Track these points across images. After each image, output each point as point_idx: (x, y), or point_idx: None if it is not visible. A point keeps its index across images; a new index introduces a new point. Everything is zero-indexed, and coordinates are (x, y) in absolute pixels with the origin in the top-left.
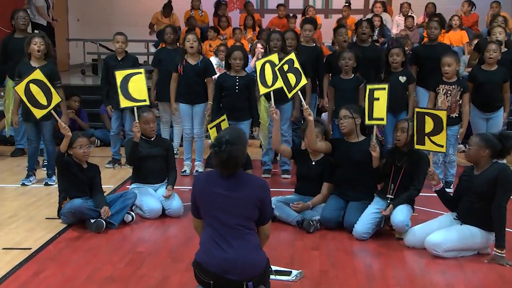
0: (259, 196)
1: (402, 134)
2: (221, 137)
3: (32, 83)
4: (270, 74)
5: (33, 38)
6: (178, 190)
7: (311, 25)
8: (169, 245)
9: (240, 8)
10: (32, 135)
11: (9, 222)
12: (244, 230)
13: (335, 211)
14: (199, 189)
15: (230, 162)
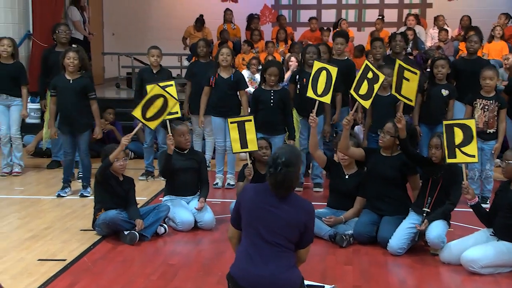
0: (303, 220)
1: (437, 151)
2: (277, 158)
3: (163, 98)
4: (323, 83)
5: (67, 52)
6: (210, 202)
7: (342, 39)
8: (201, 258)
9: (272, 21)
10: (68, 147)
11: (45, 234)
12: (282, 248)
13: (368, 225)
14: (246, 200)
15: (284, 184)
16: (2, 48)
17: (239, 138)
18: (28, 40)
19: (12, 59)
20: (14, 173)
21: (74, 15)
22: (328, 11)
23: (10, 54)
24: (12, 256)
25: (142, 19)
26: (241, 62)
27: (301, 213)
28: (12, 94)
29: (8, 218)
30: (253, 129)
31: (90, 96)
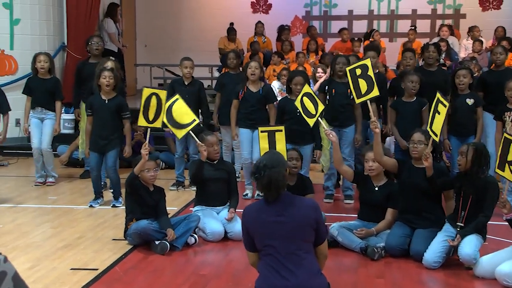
0: (313, 217)
1: (462, 159)
2: (259, 163)
3: (154, 96)
4: (310, 104)
5: (103, 72)
6: (239, 213)
7: (374, 52)
8: (231, 268)
9: (303, 32)
10: (94, 163)
11: (77, 243)
12: (302, 254)
13: (401, 238)
14: (250, 220)
15: (271, 186)
16: (39, 65)
17: (269, 148)
18: (62, 52)
19: (49, 74)
20: (48, 183)
21: (110, 27)
22: (360, 21)
23: (47, 70)
24: (45, 265)
25: (173, 31)
26: (272, 73)
27: (307, 211)
28: (47, 107)
29: (42, 228)
30: (283, 140)
31: (124, 115)
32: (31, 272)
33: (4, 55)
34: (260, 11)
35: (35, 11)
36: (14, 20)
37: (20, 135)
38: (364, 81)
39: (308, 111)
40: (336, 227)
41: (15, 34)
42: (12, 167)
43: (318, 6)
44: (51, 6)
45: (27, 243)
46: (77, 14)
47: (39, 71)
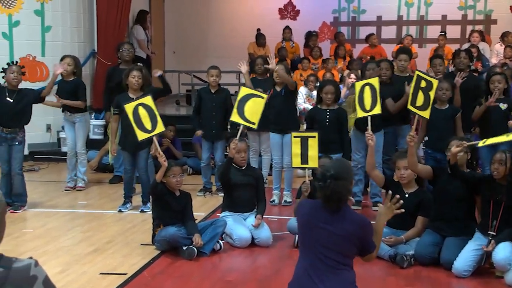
0: (359, 235)
1: (500, 167)
2: (327, 171)
3: (141, 106)
4: (369, 98)
5: (131, 71)
6: (266, 219)
7: (406, 55)
8: (258, 275)
9: (331, 38)
10: (128, 164)
11: (106, 248)
12: (338, 265)
13: (431, 246)
14: (301, 215)
15: (333, 197)
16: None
17: (301, 154)
18: (92, 59)
19: (72, 76)
20: (78, 188)
21: (139, 34)
22: (388, 27)
23: (70, 72)
24: (75, 270)
25: (202, 37)
26: (299, 78)
27: (354, 227)
28: (73, 110)
29: (72, 232)
30: (316, 146)
31: None
32: (61, 276)
33: (35, 62)
34: (288, 17)
35: (66, 18)
36: (45, 27)
37: (51, 141)
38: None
39: (363, 103)
40: None
41: (47, 41)
42: (42, 172)
43: (346, 12)
44: (82, 13)
45: (57, 247)
46: (107, 21)
47: (63, 73)
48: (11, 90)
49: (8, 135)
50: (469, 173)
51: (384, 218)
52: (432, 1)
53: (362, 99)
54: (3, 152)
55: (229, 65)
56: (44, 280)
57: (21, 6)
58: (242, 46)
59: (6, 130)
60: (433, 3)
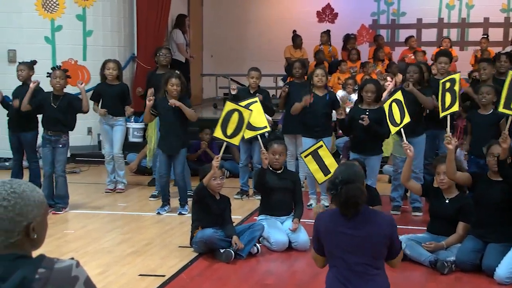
0: (387, 234)
1: None
2: (335, 179)
3: (237, 112)
4: (397, 112)
5: (170, 79)
6: (304, 223)
7: (447, 58)
8: (295, 279)
9: (369, 41)
10: (163, 168)
11: (145, 249)
12: (372, 270)
13: (472, 252)
14: (323, 229)
15: (348, 203)
16: (108, 72)
17: (319, 167)
18: (132, 63)
19: (117, 81)
20: (118, 190)
21: (178, 38)
22: (429, 30)
23: (115, 77)
24: (114, 271)
25: (239, 41)
26: (337, 81)
27: (381, 227)
28: (115, 114)
29: (112, 234)
30: (328, 153)
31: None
32: (101, 277)
33: (77, 66)
34: (326, 21)
35: (107, 22)
36: (87, 32)
37: (92, 143)
38: (449, 95)
39: (393, 118)
40: (404, 240)
41: (88, 45)
42: (83, 174)
43: (386, 15)
44: (122, 18)
45: (97, 249)
46: (146, 25)
47: (108, 78)
48: (55, 95)
49: (52, 137)
50: None
51: None
52: (474, 4)
53: (392, 115)
54: (47, 154)
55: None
56: (85, 281)
57: (64, 11)
58: (279, 50)
59: (50, 132)
60: (475, 5)
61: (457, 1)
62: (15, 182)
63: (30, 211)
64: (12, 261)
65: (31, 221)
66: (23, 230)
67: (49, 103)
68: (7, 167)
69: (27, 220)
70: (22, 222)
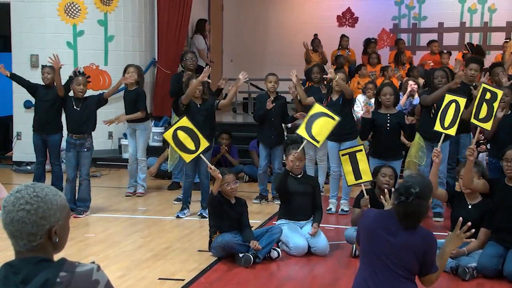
0: (422, 249)
1: None
2: (411, 187)
3: (179, 129)
4: (451, 115)
5: (191, 80)
6: (323, 228)
7: (477, 65)
8: (315, 284)
9: (390, 45)
10: (190, 169)
11: (165, 253)
12: (400, 279)
13: (494, 258)
14: (366, 224)
15: (412, 216)
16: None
17: (353, 170)
18: (153, 67)
19: (135, 85)
20: (138, 194)
21: (200, 43)
22: (450, 34)
23: (135, 82)
24: (134, 274)
25: (259, 46)
26: (356, 86)
27: (418, 240)
28: (135, 120)
29: (132, 237)
30: (365, 158)
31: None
32: (121, 281)
33: (98, 71)
34: (346, 25)
35: (128, 27)
36: (108, 37)
37: (112, 147)
38: (486, 107)
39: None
40: None
41: (109, 50)
42: (104, 178)
43: (407, 19)
44: (143, 23)
45: (118, 252)
46: (167, 30)
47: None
48: (77, 99)
49: (77, 141)
50: None
51: (452, 246)
52: (497, 8)
53: (445, 113)
54: (71, 158)
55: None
56: (106, 284)
57: (85, 16)
58: (300, 54)
59: (75, 136)
60: (497, 9)
61: (479, 5)
62: (37, 186)
63: (53, 215)
64: (34, 264)
65: (53, 224)
66: (46, 234)
67: (72, 106)
68: (29, 171)
69: (50, 223)
70: (45, 225)
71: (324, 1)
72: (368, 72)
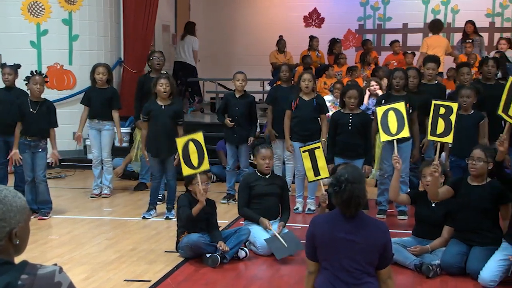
0: (383, 242)
1: None
2: (341, 176)
3: (192, 141)
4: (394, 122)
5: (159, 79)
6: (290, 227)
7: (435, 64)
8: (283, 283)
9: (356, 46)
10: (156, 171)
11: (131, 255)
12: (365, 276)
13: (457, 256)
14: (319, 233)
15: (351, 202)
16: (98, 77)
17: (312, 167)
18: (119, 67)
19: (107, 85)
20: (103, 195)
21: (195, 45)
22: (415, 35)
23: (105, 81)
24: (100, 276)
25: (226, 46)
26: (323, 86)
27: (378, 234)
28: (103, 118)
29: (97, 239)
30: (322, 155)
31: (178, 121)
32: (86, 283)
33: (63, 70)
34: (312, 25)
35: (93, 27)
36: (73, 36)
37: (77, 148)
38: (443, 122)
39: (388, 127)
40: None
41: (74, 50)
42: (69, 179)
43: (372, 20)
44: (109, 22)
45: (82, 254)
46: (134, 30)
47: (98, 82)
48: (33, 102)
49: (32, 142)
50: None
51: None
52: (459, 9)
53: (386, 123)
54: (27, 159)
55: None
56: (69, 286)
57: (49, 15)
58: (266, 54)
59: (29, 138)
60: (460, 10)
61: (443, 6)
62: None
63: (13, 217)
64: None
65: (14, 226)
66: (6, 236)
67: (28, 108)
68: None
69: (10, 225)
70: (5, 228)
71: (291, 1)
72: (335, 73)
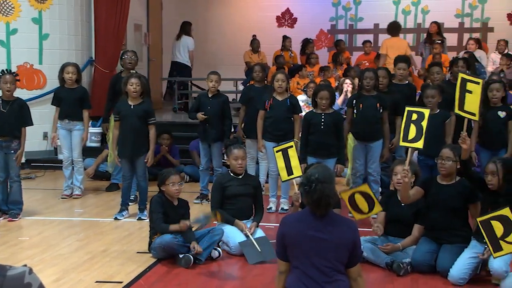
0: (352, 239)
1: (494, 178)
2: (311, 175)
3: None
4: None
5: (130, 78)
6: (263, 227)
7: (405, 64)
8: (257, 283)
9: (328, 46)
10: (126, 171)
11: (102, 256)
12: (335, 274)
13: (427, 254)
14: (289, 230)
15: (321, 201)
16: (67, 76)
17: (285, 166)
18: (90, 66)
19: (76, 84)
20: (75, 196)
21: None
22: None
23: (74, 80)
24: (71, 278)
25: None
26: (296, 86)
27: (348, 232)
28: (74, 118)
29: (68, 240)
30: (295, 154)
31: (149, 121)
32: (57, 284)
33: (33, 70)
34: (285, 25)
35: (64, 26)
36: (43, 35)
37: (48, 148)
38: (414, 128)
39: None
40: (361, 242)
41: (44, 49)
42: (39, 180)
43: (344, 20)
44: (80, 21)
45: (53, 256)
46: (105, 29)
47: (67, 82)
48: (5, 101)
49: (3, 143)
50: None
51: None
52: (429, 9)
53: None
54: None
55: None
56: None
57: (19, 14)
58: (239, 54)
59: (1, 137)
60: (430, 11)
61: (413, 7)
62: None
63: None
64: None
65: None
66: None
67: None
68: None
69: None
70: None
71: (264, 1)
72: (307, 73)
